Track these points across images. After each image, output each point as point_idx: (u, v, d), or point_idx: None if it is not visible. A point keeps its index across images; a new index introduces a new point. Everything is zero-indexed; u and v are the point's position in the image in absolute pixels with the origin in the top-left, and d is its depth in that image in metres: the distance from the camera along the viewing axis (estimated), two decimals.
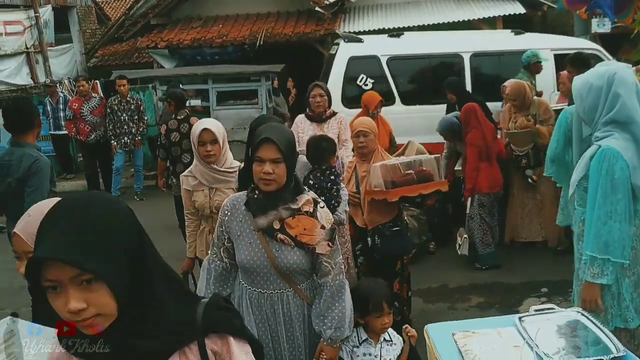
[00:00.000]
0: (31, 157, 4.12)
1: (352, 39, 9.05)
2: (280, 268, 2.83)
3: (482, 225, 6.17)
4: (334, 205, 3.97)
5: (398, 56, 8.69)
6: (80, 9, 18.05)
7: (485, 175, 6.08)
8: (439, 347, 2.62)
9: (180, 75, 11.74)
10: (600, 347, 2.48)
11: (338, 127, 5.94)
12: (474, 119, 6.14)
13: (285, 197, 2.79)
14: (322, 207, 2.90)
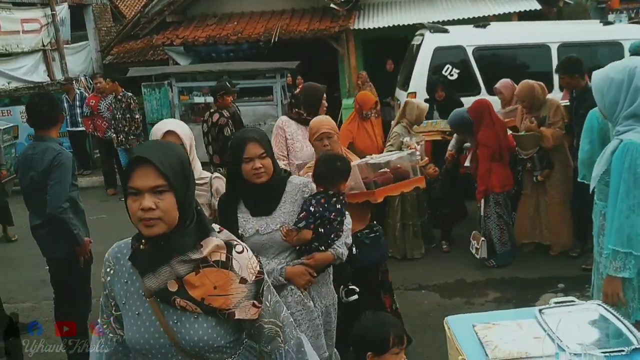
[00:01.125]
0: (54, 150, 4.18)
1: (437, 29, 9.03)
2: (185, 347, 1.98)
3: (499, 223, 6.14)
4: (332, 239, 3.34)
5: (484, 47, 8.65)
6: (95, 7, 18.14)
7: (497, 175, 6.03)
8: (460, 338, 2.64)
9: (195, 72, 11.83)
10: (621, 339, 2.49)
11: None
12: (488, 116, 6.06)
13: (180, 243, 1.93)
14: (240, 251, 2.04)
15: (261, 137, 3.02)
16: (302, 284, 3.18)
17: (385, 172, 4.33)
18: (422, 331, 4.94)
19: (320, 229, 3.23)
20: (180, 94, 11.65)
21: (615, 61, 3.24)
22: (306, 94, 5.07)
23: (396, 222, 6.47)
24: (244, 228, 3.10)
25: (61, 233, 4.18)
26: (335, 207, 3.35)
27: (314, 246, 3.24)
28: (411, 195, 6.45)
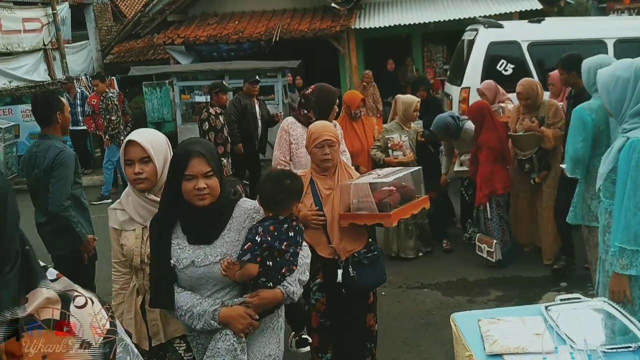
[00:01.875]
0: (56, 148, 4.19)
1: (492, 24, 8.98)
2: None
3: (501, 224, 6.13)
4: (283, 274, 2.79)
5: (539, 42, 8.57)
6: (96, 6, 18.17)
7: (499, 177, 6.02)
8: (466, 334, 2.65)
9: (196, 72, 11.83)
10: (628, 336, 2.49)
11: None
12: (489, 118, 6.02)
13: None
14: (82, 305, 1.45)
15: (209, 152, 2.63)
16: (239, 328, 2.67)
17: (392, 191, 3.85)
18: (425, 329, 4.95)
19: (268, 262, 2.72)
20: (182, 93, 11.66)
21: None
22: (319, 96, 4.67)
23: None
24: (177, 257, 2.66)
25: (64, 231, 4.19)
26: (287, 236, 2.80)
27: (260, 282, 2.73)
28: None
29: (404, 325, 5.08)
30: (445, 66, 14.85)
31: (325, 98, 4.65)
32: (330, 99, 4.64)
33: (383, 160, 6.24)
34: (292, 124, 4.68)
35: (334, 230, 3.71)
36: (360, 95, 6.29)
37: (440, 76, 14.37)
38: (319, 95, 4.67)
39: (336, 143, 3.70)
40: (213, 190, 2.59)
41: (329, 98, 4.64)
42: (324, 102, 4.62)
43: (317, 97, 4.66)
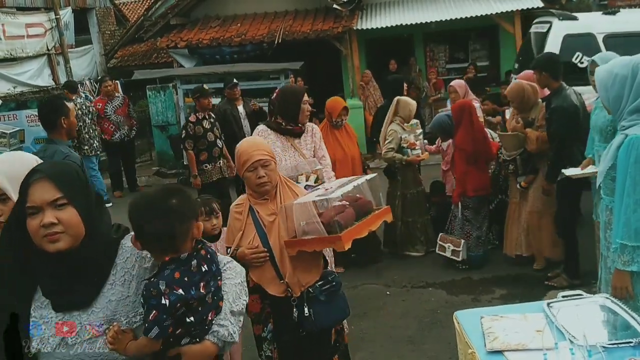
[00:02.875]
0: (62, 153, 4.24)
1: (566, 16, 8.88)
2: None
3: (464, 227, 6.09)
4: (210, 321, 2.03)
5: (615, 34, 8.35)
6: (99, 11, 18.22)
7: (472, 179, 5.97)
8: (469, 332, 2.67)
9: (199, 75, 11.88)
10: (629, 331, 2.51)
11: (312, 140, 4.61)
12: (467, 118, 5.98)
13: None
14: None
15: (59, 173, 1.88)
16: None
17: (344, 207, 3.28)
18: (430, 328, 4.98)
19: (188, 319, 1.96)
20: (185, 96, 11.70)
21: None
22: (282, 99, 4.43)
23: (397, 220, 6.49)
24: (40, 338, 1.88)
25: None
26: (200, 274, 2.01)
27: (183, 345, 2.00)
28: (411, 193, 6.50)
29: (409, 324, 5.12)
30: (447, 65, 14.88)
31: (287, 100, 4.41)
32: (294, 100, 4.38)
33: (405, 160, 6.31)
34: (262, 131, 4.36)
35: (284, 263, 3.18)
36: (343, 102, 6.25)
37: (443, 75, 14.41)
38: (283, 98, 4.44)
39: (271, 161, 3.16)
40: (69, 227, 1.82)
41: (293, 99, 4.39)
42: (288, 105, 4.40)
43: (281, 100, 4.45)
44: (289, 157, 4.32)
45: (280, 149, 4.28)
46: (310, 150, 4.53)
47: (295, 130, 4.44)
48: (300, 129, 4.47)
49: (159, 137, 12.27)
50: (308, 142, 4.54)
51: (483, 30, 14.14)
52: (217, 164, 7.66)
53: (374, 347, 4.77)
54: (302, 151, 4.43)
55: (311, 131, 4.60)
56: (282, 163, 4.16)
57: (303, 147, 4.47)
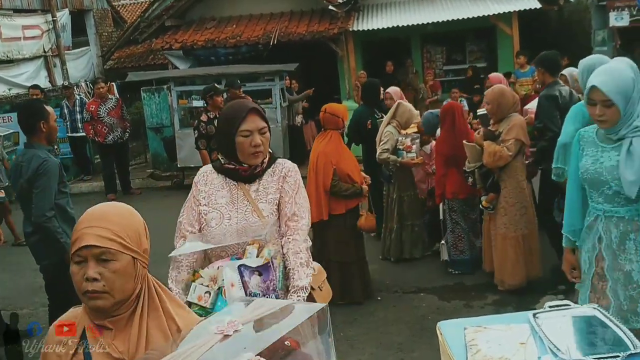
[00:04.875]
0: (39, 158, 4.15)
1: None
2: None
3: (454, 229, 5.99)
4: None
5: None
6: (96, 13, 18.19)
7: (450, 181, 5.88)
8: (451, 344, 2.58)
9: (194, 76, 11.82)
10: (617, 344, 2.42)
11: (279, 188, 2.97)
12: (450, 121, 5.89)
13: None
14: None
15: None
16: None
17: None
18: (420, 334, 4.89)
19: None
20: (179, 98, 11.63)
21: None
22: (218, 123, 3.28)
23: (394, 224, 6.41)
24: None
25: (49, 241, 4.15)
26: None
27: None
28: (408, 195, 6.42)
29: (399, 330, 5.03)
30: (444, 67, 14.80)
31: (221, 128, 3.05)
32: (227, 128, 2.88)
33: (399, 162, 6.23)
34: (206, 174, 3.00)
35: None
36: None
37: (440, 77, 14.32)
38: (219, 123, 3.16)
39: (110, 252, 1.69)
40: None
41: (225, 127, 2.91)
42: (221, 134, 2.99)
43: (218, 125, 3.24)
44: (239, 213, 2.87)
45: (228, 200, 2.91)
46: (273, 203, 2.93)
47: (240, 173, 2.91)
48: (248, 171, 2.90)
49: (154, 139, 12.19)
50: (270, 191, 2.94)
51: (480, 31, 14.06)
52: None
53: (363, 354, 4.68)
54: (258, 204, 2.90)
55: (280, 173, 2.98)
56: (226, 223, 2.86)
57: (261, 198, 2.92)
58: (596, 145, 3.14)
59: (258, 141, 2.80)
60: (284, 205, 2.93)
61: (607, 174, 3.06)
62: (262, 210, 2.88)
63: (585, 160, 3.16)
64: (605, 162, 3.07)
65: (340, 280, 5.52)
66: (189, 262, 2.82)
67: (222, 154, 2.97)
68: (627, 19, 12.34)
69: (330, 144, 5.49)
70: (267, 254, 2.71)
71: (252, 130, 2.79)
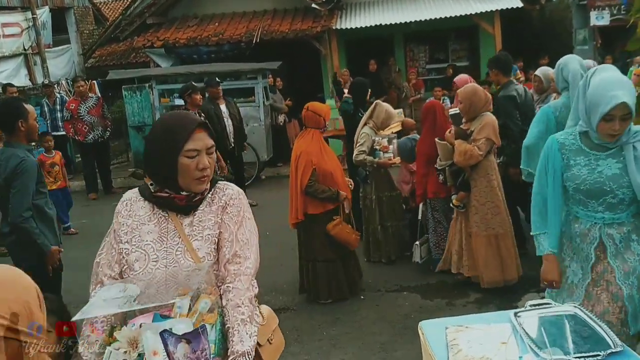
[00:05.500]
0: (17, 157, 4.07)
1: None
2: None
3: (437, 229, 5.97)
4: None
5: None
6: (77, 10, 17.99)
7: (432, 181, 5.85)
8: (432, 343, 2.58)
9: (176, 74, 11.73)
10: (597, 343, 2.42)
11: (218, 222, 2.34)
12: (431, 120, 5.84)
13: None
14: None
15: None
16: None
17: None
18: (402, 333, 4.88)
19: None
20: (161, 96, 11.54)
21: None
22: (147, 142, 2.39)
23: (376, 225, 6.39)
24: None
25: (26, 242, 4.08)
26: None
27: None
28: (386, 196, 6.41)
29: (382, 329, 5.01)
30: (427, 66, 14.84)
31: (151, 148, 2.33)
32: (166, 149, 2.24)
33: (376, 163, 6.20)
34: (130, 202, 2.37)
35: None
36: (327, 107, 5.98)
37: (423, 76, 14.35)
38: (149, 142, 2.37)
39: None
40: None
41: (164, 148, 2.25)
42: (156, 155, 2.30)
43: (148, 145, 2.38)
44: (168, 254, 2.26)
45: (155, 236, 2.28)
46: (210, 241, 2.30)
47: (175, 203, 2.30)
48: (185, 200, 2.29)
49: (135, 137, 12.09)
50: (207, 225, 2.31)
51: (463, 30, 14.12)
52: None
53: (345, 354, 4.65)
54: (192, 242, 2.28)
55: (219, 202, 2.36)
56: (152, 267, 2.25)
57: (196, 234, 2.30)
58: (586, 153, 2.99)
59: (206, 163, 2.26)
60: (224, 244, 2.30)
61: (611, 183, 2.93)
62: (196, 250, 2.27)
63: (577, 171, 3.00)
64: (606, 171, 2.93)
65: (327, 279, 5.56)
66: (104, 316, 2.18)
67: (153, 177, 2.32)
68: (608, 18, 12.45)
69: (312, 143, 5.44)
70: (201, 307, 2.13)
71: (200, 149, 2.25)
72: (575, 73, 4.41)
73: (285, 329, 5.08)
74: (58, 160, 8.52)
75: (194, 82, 8.95)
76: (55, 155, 8.54)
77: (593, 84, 2.85)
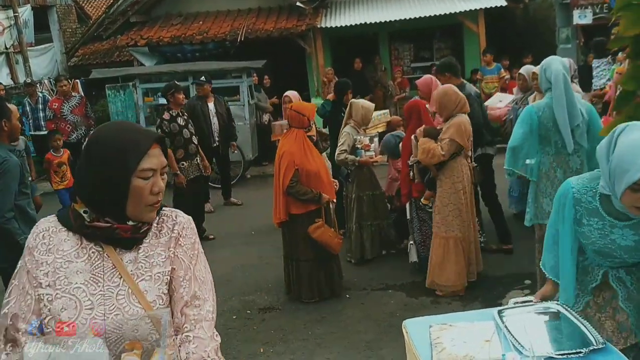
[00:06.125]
0: (0, 157, 4.03)
1: None
2: None
3: (422, 228, 5.96)
4: None
5: None
6: (60, 8, 17.83)
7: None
8: (416, 342, 2.58)
9: (160, 73, 11.66)
10: (580, 340, 2.44)
11: (169, 256, 1.92)
12: (415, 119, 5.82)
13: None
14: None
15: None
16: None
17: None
18: (388, 332, 4.88)
19: None
20: (145, 95, 11.46)
21: None
22: (82, 161, 1.88)
23: (353, 224, 6.39)
24: None
25: (8, 243, 4.03)
26: None
27: None
28: (367, 195, 6.40)
29: (367, 328, 5.01)
30: (412, 64, 14.86)
31: (88, 166, 1.84)
32: (109, 168, 1.80)
33: (358, 161, 6.20)
34: (49, 233, 1.86)
35: None
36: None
37: (408, 74, 14.37)
38: (84, 161, 1.88)
39: None
40: None
41: (108, 168, 1.80)
42: (91, 175, 1.83)
43: (81, 165, 1.89)
44: (106, 299, 1.80)
45: (88, 276, 1.80)
46: (161, 280, 1.87)
47: (118, 234, 1.84)
48: (131, 231, 1.85)
49: None
50: (157, 261, 1.89)
51: (447, 29, 14.16)
52: (194, 161, 7.59)
53: (330, 353, 4.64)
54: (138, 283, 1.84)
55: (170, 232, 1.94)
56: (86, 317, 1.77)
57: (142, 272, 1.86)
58: (601, 217, 2.61)
59: (162, 186, 1.87)
60: (178, 283, 1.88)
61: (622, 252, 2.63)
62: (144, 293, 1.82)
63: (588, 230, 2.67)
64: (619, 240, 2.59)
65: (310, 279, 5.55)
66: None
67: (91, 203, 1.82)
68: (590, 17, 12.54)
69: (296, 143, 5.40)
70: None
71: (156, 169, 1.84)
72: (557, 74, 4.44)
73: (270, 328, 5.14)
74: (66, 160, 8.47)
75: (177, 82, 8.89)
76: (64, 154, 8.49)
77: (620, 145, 2.39)
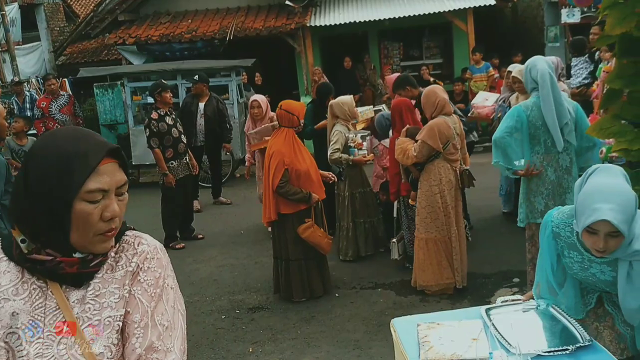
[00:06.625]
0: None
1: None
2: None
3: (410, 226, 5.93)
4: None
5: None
6: (47, 7, 17.70)
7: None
8: (404, 341, 2.58)
9: (149, 72, 11.60)
10: (566, 338, 2.45)
11: (123, 296, 1.53)
12: (398, 120, 5.79)
13: None
14: None
15: None
16: None
17: None
18: (377, 330, 4.88)
19: None
20: (133, 94, 11.40)
21: None
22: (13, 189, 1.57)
23: (348, 222, 6.39)
24: None
25: None
26: None
27: None
28: (360, 192, 6.41)
29: (356, 327, 5.01)
30: (402, 63, 14.86)
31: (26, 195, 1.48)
32: (71, 168, 1.44)
33: (351, 160, 6.19)
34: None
35: None
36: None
37: (397, 73, 14.36)
38: (41, 166, 1.47)
39: None
40: None
41: (69, 166, 1.44)
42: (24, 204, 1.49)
43: (14, 196, 1.55)
44: (46, 347, 1.46)
45: (27, 318, 1.47)
46: (112, 326, 1.51)
47: (62, 269, 1.48)
48: (78, 266, 1.50)
49: (108, 136, 11.90)
50: (109, 301, 1.52)
51: (436, 27, 14.16)
52: (182, 160, 7.52)
53: (319, 352, 4.64)
54: (83, 330, 1.48)
55: (127, 265, 1.57)
56: None
57: (91, 315, 1.50)
58: (580, 252, 2.55)
59: (116, 210, 1.49)
60: (131, 331, 1.51)
61: (603, 286, 2.58)
62: (90, 342, 1.48)
63: (569, 262, 2.61)
64: (598, 275, 2.54)
65: (300, 278, 5.55)
66: None
67: (28, 230, 1.48)
68: (578, 16, 12.57)
69: (285, 143, 5.38)
70: None
71: (108, 189, 1.47)
72: (543, 73, 4.45)
73: (259, 327, 5.13)
74: None
75: (165, 80, 8.84)
76: None
77: (587, 185, 2.39)
